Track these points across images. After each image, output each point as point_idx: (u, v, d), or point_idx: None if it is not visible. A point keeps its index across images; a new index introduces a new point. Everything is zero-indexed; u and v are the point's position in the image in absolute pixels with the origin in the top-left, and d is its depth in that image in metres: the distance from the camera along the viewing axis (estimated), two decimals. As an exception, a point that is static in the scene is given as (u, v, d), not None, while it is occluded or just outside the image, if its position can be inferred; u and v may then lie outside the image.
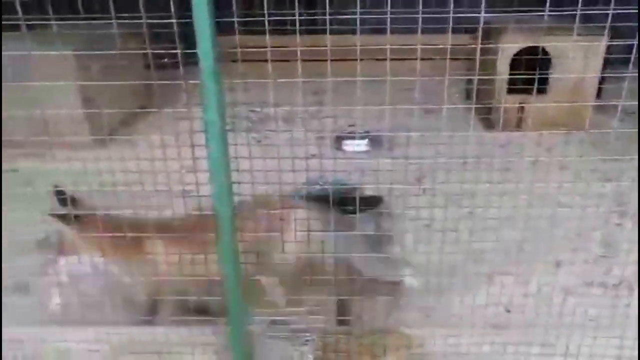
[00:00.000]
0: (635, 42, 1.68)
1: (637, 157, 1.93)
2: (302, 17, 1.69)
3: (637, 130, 2.43)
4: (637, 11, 1.91)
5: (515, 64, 4.38)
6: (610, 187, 3.15)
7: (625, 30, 2.13)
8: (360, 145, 4.32)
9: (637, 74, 1.81)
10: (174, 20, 1.58)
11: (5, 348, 2.28)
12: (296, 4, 1.68)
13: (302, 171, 2.04)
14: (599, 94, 4.61)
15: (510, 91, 4.52)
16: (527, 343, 2.12)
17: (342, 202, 2.32)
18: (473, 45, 2.12)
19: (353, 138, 4.32)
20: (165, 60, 1.86)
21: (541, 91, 4.42)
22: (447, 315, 2.38)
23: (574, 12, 1.67)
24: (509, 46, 4.31)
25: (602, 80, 4.59)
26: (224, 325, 2.04)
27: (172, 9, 1.57)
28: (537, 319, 2.21)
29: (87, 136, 3.74)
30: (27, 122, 3.05)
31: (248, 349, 2.05)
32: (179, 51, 1.67)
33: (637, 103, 2.02)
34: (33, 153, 2.79)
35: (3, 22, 1.89)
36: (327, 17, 1.77)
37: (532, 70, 3.39)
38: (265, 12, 1.61)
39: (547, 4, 1.67)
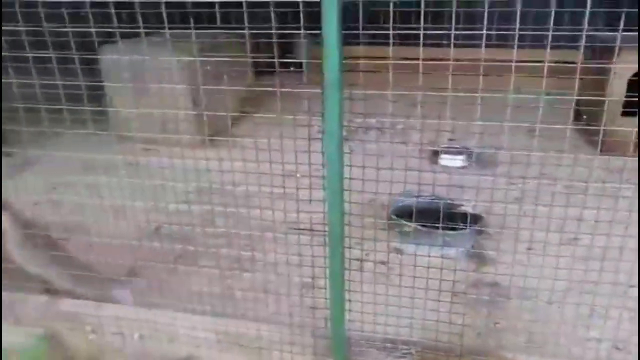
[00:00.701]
0: None
1: None
2: (427, 32, 1.72)
3: None
4: None
5: (632, 85, 4.11)
6: None
7: None
8: (458, 160, 4.25)
9: None
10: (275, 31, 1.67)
11: (122, 326, 2.53)
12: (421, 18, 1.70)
13: (401, 183, 2.08)
14: None
15: (625, 114, 4.24)
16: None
17: (440, 218, 2.32)
18: (588, 65, 2.03)
19: (451, 152, 4.26)
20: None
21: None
22: (552, 344, 2.28)
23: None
24: (627, 67, 4.05)
25: None
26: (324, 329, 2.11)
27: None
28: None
29: (198, 136, 4.02)
30: (144, 120, 3.36)
31: (347, 355, 2.10)
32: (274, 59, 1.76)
33: None
34: (150, 149, 3.01)
35: (125, 29, 2.12)
36: (452, 32, 1.78)
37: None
38: (391, 25, 1.65)
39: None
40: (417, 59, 1.81)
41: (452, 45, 1.75)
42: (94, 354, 2.62)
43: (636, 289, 2.23)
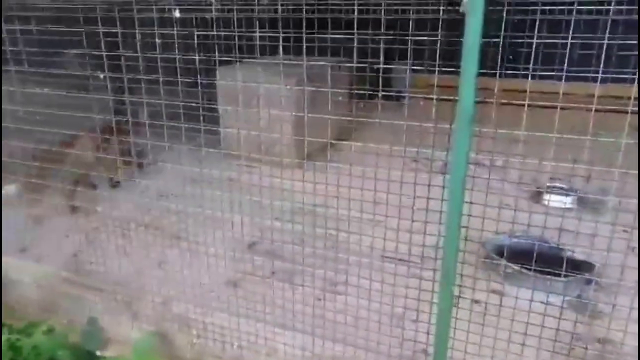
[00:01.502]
0: None
1: None
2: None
3: None
4: None
5: None
6: None
7: None
8: (566, 202, 4.01)
9: None
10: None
11: (224, 334, 2.66)
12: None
13: (508, 222, 2.02)
14: None
15: None
16: None
17: (546, 262, 2.20)
18: None
19: (558, 193, 4.04)
20: (362, 105, 2.10)
21: None
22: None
23: None
24: None
25: None
26: None
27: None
28: None
29: (295, 159, 4.15)
30: (250, 141, 3.52)
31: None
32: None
33: None
34: (250, 166, 3.13)
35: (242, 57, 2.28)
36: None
37: None
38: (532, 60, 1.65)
39: None
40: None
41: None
42: (195, 356, 2.77)
43: None
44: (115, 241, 3.10)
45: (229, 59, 2.46)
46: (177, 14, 2.49)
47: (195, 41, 2.38)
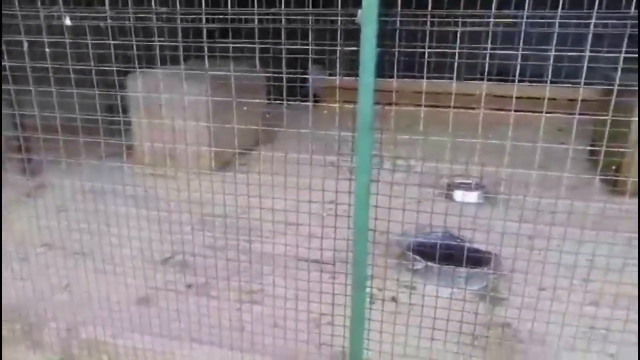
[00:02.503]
0: None
1: None
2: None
3: None
4: None
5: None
6: None
7: None
8: (472, 196, 4.23)
9: None
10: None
11: (138, 356, 2.54)
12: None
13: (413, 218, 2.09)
14: None
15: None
16: None
17: (456, 256, 2.31)
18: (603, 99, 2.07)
19: (465, 189, 4.25)
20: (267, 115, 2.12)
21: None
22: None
23: None
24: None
25: None
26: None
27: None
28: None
29: (206, 169, 4.08)
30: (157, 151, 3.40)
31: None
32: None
33: None
34: (160, 175, 3.01)
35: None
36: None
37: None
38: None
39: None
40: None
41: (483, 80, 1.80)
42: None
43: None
44: (11, 265, 2.87)
45: (129, 69, 2.36)
46: (67, 21, 2.34)
47: (91, 50, 2.26)
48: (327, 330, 2.36)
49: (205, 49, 2.16)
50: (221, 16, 2.21)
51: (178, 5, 2.12)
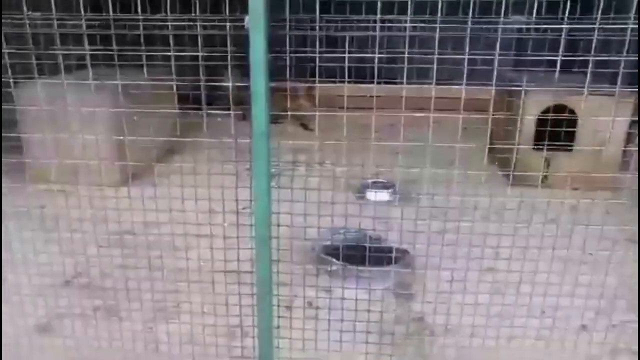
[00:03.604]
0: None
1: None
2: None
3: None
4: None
5: (542, 122, 4.41)
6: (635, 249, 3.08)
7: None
8: (383, 195, 4.35)
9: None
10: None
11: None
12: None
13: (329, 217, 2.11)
14: (625, 153, 4.59)
15: (536, 148, 4.54)
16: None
17: (362, 255, 2.35)
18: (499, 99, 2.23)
19: (376, 188, 4.36)
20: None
21: (567, 149, 4.42)
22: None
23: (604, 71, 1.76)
24: (536, 104, 4.36)
25: (628, 140, 4.59)
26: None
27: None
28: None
29: (115, 175, 3.86)
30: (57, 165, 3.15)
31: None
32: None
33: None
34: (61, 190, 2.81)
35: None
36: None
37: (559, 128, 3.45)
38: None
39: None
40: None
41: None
42: None
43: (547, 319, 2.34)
44: None
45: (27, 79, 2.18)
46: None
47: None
48: (237, 342, 2.33)
49: (88, 57, 2.04)
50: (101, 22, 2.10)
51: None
